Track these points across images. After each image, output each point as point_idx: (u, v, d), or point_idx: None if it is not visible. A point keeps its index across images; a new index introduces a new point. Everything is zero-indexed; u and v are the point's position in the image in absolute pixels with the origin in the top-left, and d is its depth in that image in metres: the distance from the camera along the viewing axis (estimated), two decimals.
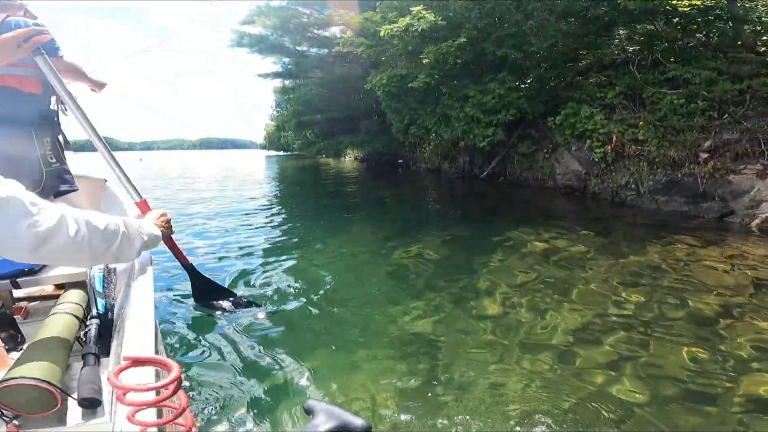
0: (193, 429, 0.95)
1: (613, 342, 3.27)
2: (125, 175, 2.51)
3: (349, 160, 33.12)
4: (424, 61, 12.45)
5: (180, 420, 0.92)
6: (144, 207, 2.47)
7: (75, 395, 1.24)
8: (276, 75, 26.15)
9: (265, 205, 10.48)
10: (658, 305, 3.93)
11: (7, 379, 1.16)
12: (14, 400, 1.16)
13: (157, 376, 1.11)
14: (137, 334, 1.34)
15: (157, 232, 1.84)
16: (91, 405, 1.25)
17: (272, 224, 8.13)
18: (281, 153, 56.67)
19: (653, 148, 8.89)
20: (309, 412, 0.85)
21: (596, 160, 10.00)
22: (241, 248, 6.18)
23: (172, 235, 2.45)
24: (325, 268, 5.33)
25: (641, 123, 9.19)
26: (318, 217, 9.31)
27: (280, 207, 10.57)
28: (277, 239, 6.93)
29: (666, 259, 5.31)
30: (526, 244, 6.13)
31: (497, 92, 11.29)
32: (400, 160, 22.70)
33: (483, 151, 13.16)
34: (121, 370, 0.91)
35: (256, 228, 7.68)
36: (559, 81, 12.36)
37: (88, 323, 1.65)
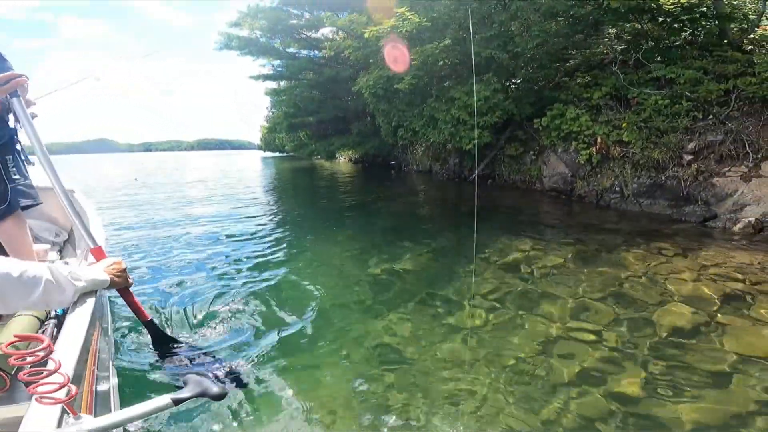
0: (69, 385, 1.12)
1: (581, 358, 3.22)
2: (81, 222, 2.48)
3: (343, 162, 33.02)
4: (411, 63, 12.33)
5: (57, 378, 1.10)
6: (98, 254, 2.39)
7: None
8: (267, 77, 25.92)
9: (257, 214, 10.26)
10: (629, 321, 3.85)
11: None
12: None
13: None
14: (72, 333, 1.52)
15: (104, 277, 1.92)
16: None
17: (262, 233, 8.02)
18: (277, 154, 56.49)
19: (637, 150, 8.77)
20: (184, 382, 1.14)
21: (582, 162, 9.88)
22: (227, 257, 6.23)
23: (130, 288, 2.34)
24: (309, 279, 5.26)
25: (625, 124, 9.06)
26: (308, 225, 9.18)
27: (272, 215, 10.41)
28: (266, 249, 6.80)
29: (641, 270, 5.19)
30: (506, 254, 6.05)
31: (483, 94, 11.15)
32: (393, 162, 22.58)
33: (470, 153, 13.02)
34: (8, 344, 1.11)
35: (245, 238, 7.59)
36: (546, 82, 12.23)
37: (45, 323, 1.98)
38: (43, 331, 1.92)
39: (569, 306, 4.24)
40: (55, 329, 1.95)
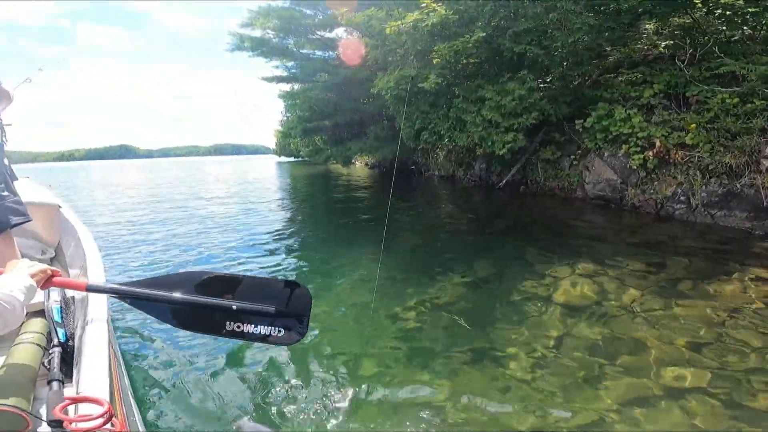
0: None
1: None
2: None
3: (359, 167, 31.95)
4: (434, 61, 11.23)
5: None
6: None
7: (44, 417, 1.38)
8: (280, 79, 24.96)
9: (269, 229, 9.41)
10: (742, 374, 2.98)
11: None
12: None
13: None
14: (93, 364, 1.54)
15: (28, 282, 1.61)
16: (58, 425, 1.34)
17: (273, 250, 7.38)
18: (292, 159, 55.82)
19: (705, 154, 7.56)
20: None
21: (634, 167, 8.70)
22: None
23: (56, 276, 1.82)
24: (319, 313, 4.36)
25: (692, 126, 7.86)
26: (322, 243, 8.25)
27: (284, 230, 9.46)
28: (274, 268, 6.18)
29: (741, 303, 4.17)
30: (559, 284, 4.95)
31: (517, 93, 10.00)
32: (412, 167, 21.43)
33: (502, 158, 11.86)
34: (64, 407, 1.14)
35: (256, 256, 6.98)
36: (583, 79, 11.04)
37: (50, 351, 1.85)
38: (50, 361, 1.79)
39: (661, 356, 3.31)
40: (61, 357, 1.83)
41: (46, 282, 1.77)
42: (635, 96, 9.25)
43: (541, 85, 11.06)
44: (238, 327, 1.89)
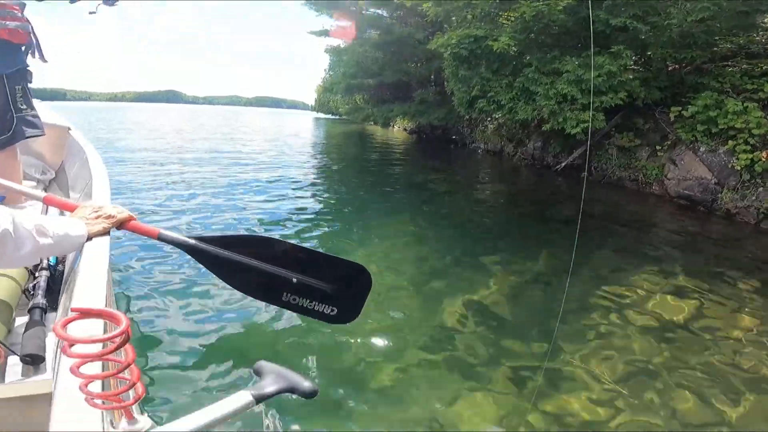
0: (138, 383, 0.83)
1: None
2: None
3: (397, 130, 30.31)
4: (505, 23, 9.61)
5: (125, 374, 0.82)
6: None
7: (18, 351, 1.24)
8: (328, 33, 23.48)
9: (298, 179, 8.75)
10: None
11: None
12: None
13: (105, 329, 1.05)
14: (88, 286, 1.28)
15: (79, 231, 1.43)
16: (33, 361, 1.24)
17: (299, 204, 6.71)
18: (330, 116, 54.67)
19: None
20: (258, 373, 1.02)
21: (738, 168, 7.13)
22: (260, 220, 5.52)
23: (132, 221, 1.66)
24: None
25: None
26: (351, 205, 7.32)
27: (313, 182, 8.68)
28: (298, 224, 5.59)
29: None
30: (640, 298, 3.80)
31: (607, 68, 8.34)
32: (455, 137, 19.77)
33: (565, 138, 10.28)
34: (68, 321, 0.80)
35: (279, 205, 6.53)
36: (683, 65, 9.30)
37: (37, 275, 1.64)
38: (34, 287, 1.57)
39: None
40: (48, 283, 1.62)
41: (120, 226, 1.64)
42: (752, 89, 7.60)
43: (634, 66, 9.34)
44: (294, 300, 1.85)
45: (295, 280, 1.78)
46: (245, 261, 1.78)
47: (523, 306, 3.70)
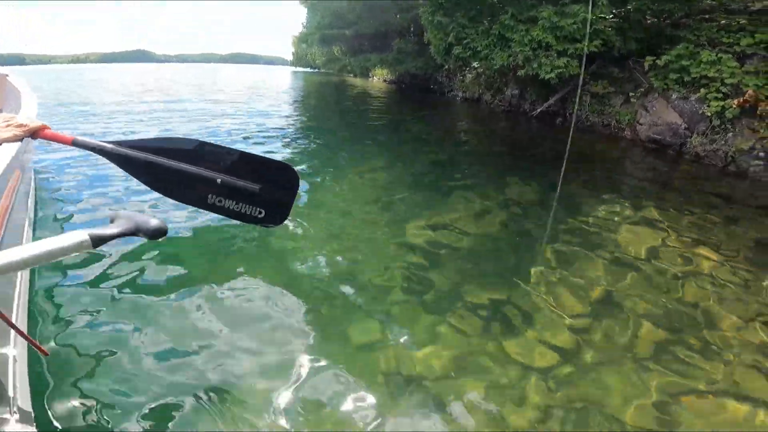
0: None
1: None
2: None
3: (377, 81, 29.87)
4: None
5: None
6: None
7: None
8: None
9: (276, 122, 9.07)
10: None
11: None
12: None
13: None
14: None
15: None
16: None
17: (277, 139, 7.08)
18: (308, 70, 53.58)
19: None
20: (111, 220, 1.00)
21: (708, 114, 7.24)
22: None
23: (45, 129, 1.61)
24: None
25: None
26: (330, 143, 7.56)
27: (291, 122, 8.96)
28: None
29: None
30: (612, 228, 4.03)
31: (582, 16, 8.26)
32: (434, 86, 19.54)
33: (540, 85, 10.25)
34: None
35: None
36: (663, 18, 9.25)
37: None
38: None
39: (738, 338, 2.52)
40: None
41: (33, 135, 1.62)
42: (728, 43, 7.61)
43: (611, 18, 9.26)
44: (220, 202, 1.85)
45: (219, 180, 1.76)
46: (166, 163, 1.75)
47: (492, 234, 3.83)
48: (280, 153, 6.37)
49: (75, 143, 1.64)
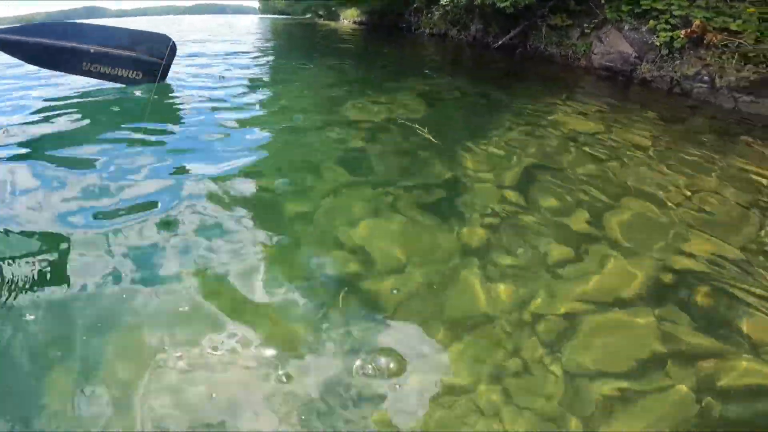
0: None
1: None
2: None
3: (347, 24, 29.38)
4: None
5: None
6: None
7: None
8: None
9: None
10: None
11: None
12: None
13: None
14: None
15: None
16: None
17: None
18: (276, 16, 52.21)
19: (750, 40, 6.46)
20: None
21: (657, 44, 7.51)
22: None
23: None
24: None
25: (750, 10, 6.72)
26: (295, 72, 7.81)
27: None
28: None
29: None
30: (554, 112, 4.76)
31: None
32: (402, 25, 19.37)
33: (502, 19, 10.31)
34: None
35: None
36: None
37: None
38: None
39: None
40: None
41: None
42: None
43: None
44: (95, 68, 2.00)
45: (92, 50, 1.96)
46: (40, 41, 1.81)
47: (439, 121, 4.16)
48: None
49: None
